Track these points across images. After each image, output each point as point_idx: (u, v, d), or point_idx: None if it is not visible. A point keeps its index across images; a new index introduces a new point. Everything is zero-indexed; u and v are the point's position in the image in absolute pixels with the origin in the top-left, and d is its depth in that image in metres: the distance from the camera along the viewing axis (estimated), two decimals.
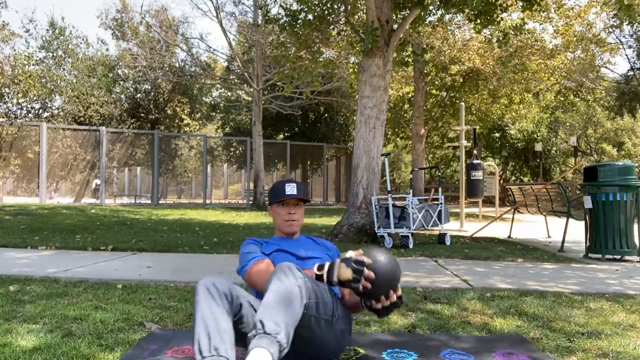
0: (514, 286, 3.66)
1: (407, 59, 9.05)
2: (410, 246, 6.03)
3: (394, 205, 6.29)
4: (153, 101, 22.02)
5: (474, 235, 7.31)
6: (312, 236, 2.40)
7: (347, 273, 1.76)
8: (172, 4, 53.01)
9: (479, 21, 7.34)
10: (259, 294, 1.98)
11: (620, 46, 25.66)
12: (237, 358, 1.75)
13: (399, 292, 1.87)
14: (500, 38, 7.90)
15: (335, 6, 8.41)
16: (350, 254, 1.83)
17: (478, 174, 9.88)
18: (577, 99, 24.60)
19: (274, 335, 1.52)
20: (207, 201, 20.62)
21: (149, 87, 22.15)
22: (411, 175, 8.86)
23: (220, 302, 1.68)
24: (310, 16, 8.12)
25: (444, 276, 4.09)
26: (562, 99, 20.85)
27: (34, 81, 16.13)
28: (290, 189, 2.20)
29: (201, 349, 1.57)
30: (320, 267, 1.83)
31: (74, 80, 20.30)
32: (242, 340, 1.70)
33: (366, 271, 1.77)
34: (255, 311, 1.78)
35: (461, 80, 15.59)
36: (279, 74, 11.43)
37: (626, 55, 27.55)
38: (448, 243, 6.55)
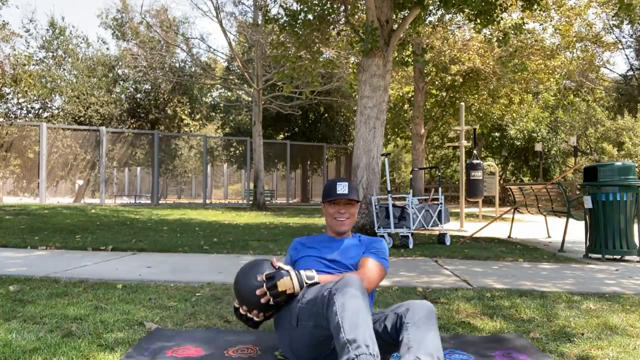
0: (514, 286, 3.66)
1: (407, 59, 9.06)
2: (410, 246, 6.03)
3: (394, 205, 6.29)
4: (153, 101, 22.03)
5: (474, 235, 7.31)
6: (362, 235, 2.36)
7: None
8: (172, 4, 53.03)
9: (479, 21, 7.34)
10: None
11: (620, 46, 25.68)
12: (228, 356, 1.75)
13: (262, 277, 1.93)
14: (500, 38, 7.90)
15: (335, 6, 8.42)
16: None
17: (478, 174, 9.87)
18: (577, 99, 24.61)
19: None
20: (207, 201, 20.62)
21: (149, 87, 22.16)
22: (411, 175, 8.84)
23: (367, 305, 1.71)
24: (310, 16, 8.12)
25: (444, 276, 4.09)
26: (562, 99, 20.85)
27: (34, 81, 16.14)
28: (342, 189, 2.19)
29: (366, 338, 1.57)
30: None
31: (74, 80, 20.31)
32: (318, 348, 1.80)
33: (242, 310, 1.97)
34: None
35: (461, 80, 15.58)
36: (279, 73, 11.43)
37: (626, 55, 27.57)
38: (448, 243, 6.55)
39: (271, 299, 1.87)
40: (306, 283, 1.89)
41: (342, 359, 1.53)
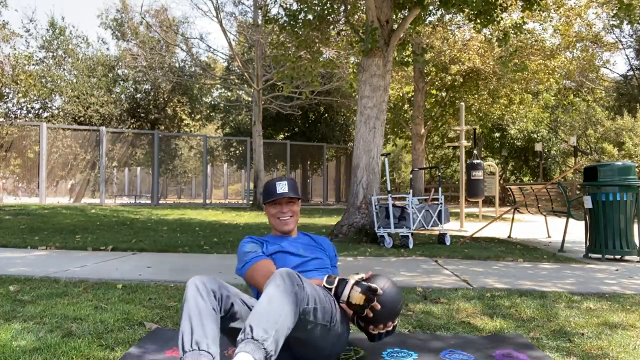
0: (513, 286, 3.66)
1: (407, 59, 9.05)
2: (410, 246, 6.03)
3: (394, 205, 6.29)
4: (153, 101, 22.03)
5: (474, 235, 7.31)
6: (310, 233, 2.39)
7: (359, 298, 1.80)
8: (172, 4, 53.03)
9: (479, 21, 7.33)
10: (259, 294, 1.98)
11: (620, 46, 25.67)
12: (228, 356, 1.75)
13: (396, 322, 1.94)
14: (500, 38, 7.90)
15: (335, 6, 8.41)
16: (362, 276, 1.88)
17: (478, 174, 9.87)
18: (577, 99, 24.60)
19: (261, 342, 1.52)
20: (207, 201, 20.62)
21: (149, 87, 22.16)
22: (411, 175, 8.85)
23: (207, 298, 1.68)
24: (310, 16, 8.12)
25: (444, 276, 4.09)
26: (562, 99, 20.84)
27: (34, 81, 16.14)
28: (281, 188, 2.20)
29: (184, 344, 1.58)
30: (330, 281, 1.86)
31: (74, 80, 20.31)
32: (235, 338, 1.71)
33: (375, 303, 1.82)
34: (250, 309, 1.78)
35: (461, 80, 15.58)
36: (279, 73, 11.44)
37: (626, 55, 27.57)
38: (448, 243, 6.55)
39: (377, 331, 1.91)
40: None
41: None
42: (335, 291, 1.84)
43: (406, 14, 7.50)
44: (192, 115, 24.60)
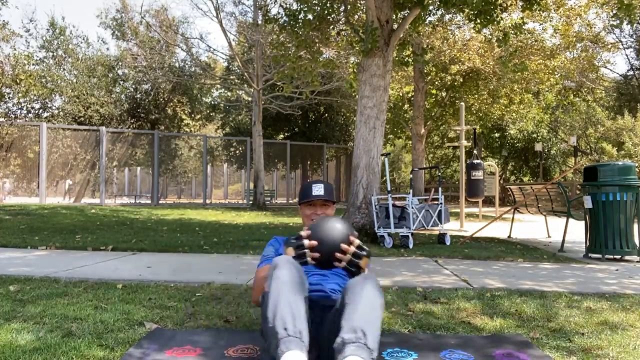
0: (513, 286, 3.66)
1: (407, 59, 9.05)
2: (410, 246, 6.03)
3: (394, 205, 6.29)
4: (153, 101, 22.03)
5: (474, 235, 7.31)
6: None
7: (290, 251, 1.86)
8: (172, 4, 53.01)
9: (478, 21, 7.33)
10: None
11: (620, 46, 25.68)
12: (228, 356, 1.75)
13: (356, 243, 1.88)
14: (500, 38, 7.90)
15: (335, 6, 8.41)
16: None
17: (478, 174, 9.87)
18: (577, 99, 24.61)
19: (372, 351, 1.53)
20: (207, 201, 20.62)
21: (149, 87, 22.16)
22: (411, 175, 8.85)
23: (301, 287, 1.69)
24: (310, 16, 8.12)
25: (444, 276, 4.09)
26: (562, 99, 20.86)
27: (34, 81, 16.14)
28: (317, 190, 2.28)
29: (286, 325, 1.56)
30: (290, 249, 1.93)
31: (74, 80, 20.31)
32: None
33: (307, 242, 1.84)
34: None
35: (461, 80, 15.58)
36: (279, 73, 11.43)
37: (626, 55, 27.57)
38: (448, 243, 6.55)
39: (343, 262, 1.87)
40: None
41: None
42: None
43: (406, 14, 7.50)
44: (192, 115, 24.61)
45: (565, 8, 13.58)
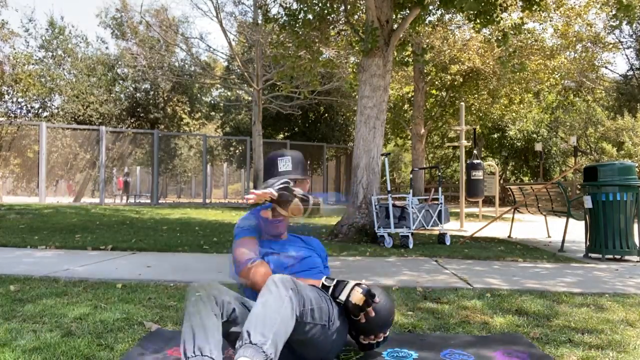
0: (513, 286, 3.66)
1: (407, 59, 9.04)
2: (410, 246, 6.03)
3: (394, 205, 6.28)
4: (153, 100, 22.02)
5: (474, 235, 7.31)
6: (298, 235, 2.36)
7: (359, 299, 1.81)
8: (172, 3, 53.06)
9: (478, 21, 7.33)
10: (255, 294, 1.98)
11: (620, 46, 25.68)
12: (228, 356, 1.76)
13: (387, 334, 1.98)
14: (500, 38, 7.89)
15: (335, 6, 8.41)
16: (360, 282, 1.93)
17: (478, 174, 9.87)
18: (577, 99, 24.61)
19: (260, 346, 1.53)
20: (207, 201, 20.61)
21: (149, 87, 22.15)
22: (411, 175, 8.85)
23: (209, 303, 1.70)
24: (310, 16, 8.11)
25: (444, 276, 4.09)
26: (562, 99, 20.87)
27: (34, 80, 16.13)
28: (284, 165, 2.08)
29: (185, 350, 1.59)
30: (329, 280, 1.90)
31: (74, 80, 20.30)
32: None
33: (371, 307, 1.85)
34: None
35: (461, 80, 15.58)
36: (279, 73, 11.43)
37: (626, 55, 27.57)
38: (448, 243, 6.55)
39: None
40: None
41: None
42: (333, 290, 1.86)
43: (406, 14, 7.50)
44: (192, 115, 24.60)
45: (565, 8, 13.58)
